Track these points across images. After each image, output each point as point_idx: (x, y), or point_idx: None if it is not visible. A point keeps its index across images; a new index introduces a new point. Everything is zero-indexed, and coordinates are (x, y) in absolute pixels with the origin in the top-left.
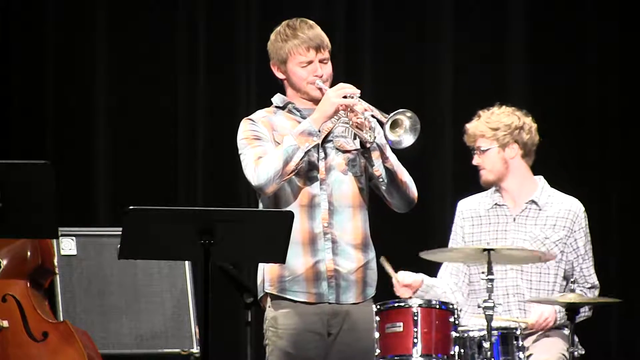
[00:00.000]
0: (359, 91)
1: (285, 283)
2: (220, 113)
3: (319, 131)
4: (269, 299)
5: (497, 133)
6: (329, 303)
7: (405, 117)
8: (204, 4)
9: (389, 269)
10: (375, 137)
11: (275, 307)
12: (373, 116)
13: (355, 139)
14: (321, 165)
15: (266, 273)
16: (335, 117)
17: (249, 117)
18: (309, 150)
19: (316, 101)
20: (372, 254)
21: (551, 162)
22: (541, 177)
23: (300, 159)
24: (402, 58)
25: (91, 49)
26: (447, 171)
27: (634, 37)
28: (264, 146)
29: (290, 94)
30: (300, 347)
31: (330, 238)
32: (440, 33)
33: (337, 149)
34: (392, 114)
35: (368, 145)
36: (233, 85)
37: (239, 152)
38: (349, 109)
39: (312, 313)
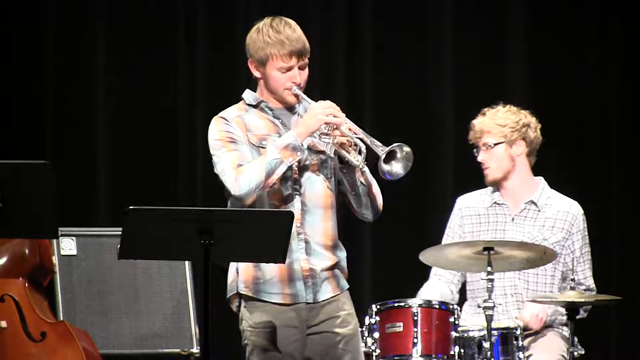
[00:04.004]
0: (343, 115)
1: (259, 285)
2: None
3: (302, 145)
4: (241, 300)
5: (505, 130)
6: (307, 303)
7: (400, 150)
8: (204, 3)
9: None
10: (363, 164)
11: (250, 307)
12: (361, 140)
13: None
14: (294, 164)
15: (240, 274)
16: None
17: (221, 115)
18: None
19: (289, 105)
20: (343, 253)
21: (550, 162)
22: (542, 178)
23: (283, 173)
24: (402, 58)
25: (91, 49)
26: (447, 172)
27: (635, 37)
28: (239, 150)
29: (262, 92)
30: (279, 343)
31: (304, 238)
32: (440, 33)
33: (309, 148)
34: (389, 147)
35: (357, 168)
36: (233, 85)
37: (212, 152)
38: (333, 127)
39: (289, 309)
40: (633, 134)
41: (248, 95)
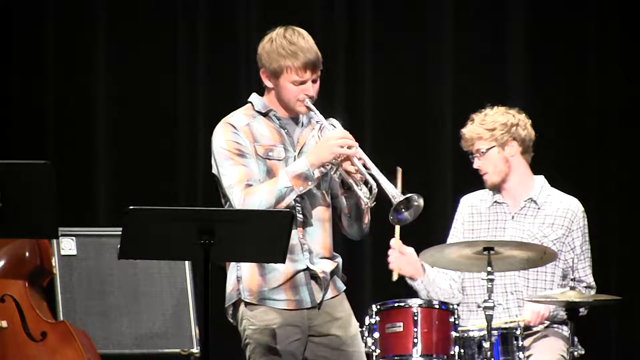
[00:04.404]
0: (358, 147)
1: (265, 293)
2: (220, 113)
3: (314, 174)
4: (240, 305)
5: (495, 133)
6: (314, 308)
7: (413, 201)
8: (204, 4)
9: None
10: (372, 203)
11: (252, 307)
12: (373, 177)
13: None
14: None
15: (244, 282)
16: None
17: (230, 121)
18: None
19: (297, 114)
20: (339, 259)
21: (550, 161)
22: (542, 176)
23: (292, 200)
24: (402, 58)
25: (91, 49)
26: (447, 172)
27: (634, 37)
28: (248, 166)
29: (271, 100)
30: (281, 341)
31: (307, 249)
32: (440, 33)
33: None
34: (404, 196)
35: (363, 206)
36: (233, 86)
37: (216, 158)
38: (344, 156)
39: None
40: (633, 134)
41: (257, 101)
